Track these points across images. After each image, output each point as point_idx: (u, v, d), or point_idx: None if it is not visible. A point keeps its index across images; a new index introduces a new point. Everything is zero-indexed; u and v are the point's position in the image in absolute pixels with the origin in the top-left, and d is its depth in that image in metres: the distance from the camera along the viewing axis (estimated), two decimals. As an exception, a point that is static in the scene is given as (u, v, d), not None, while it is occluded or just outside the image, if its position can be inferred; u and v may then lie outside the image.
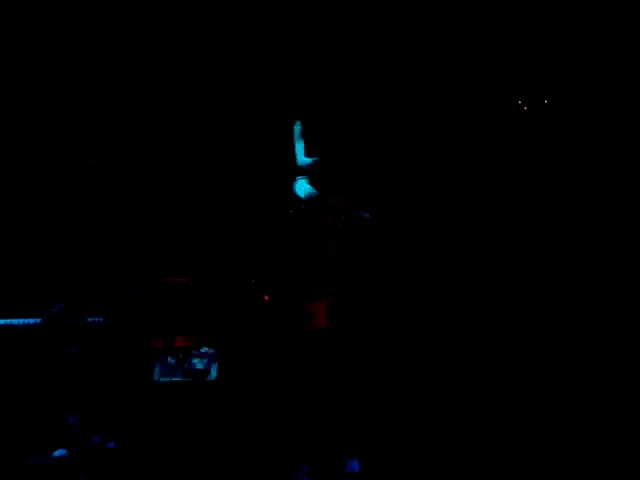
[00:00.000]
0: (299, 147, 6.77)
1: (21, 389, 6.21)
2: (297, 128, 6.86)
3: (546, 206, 7.85)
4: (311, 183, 6.69)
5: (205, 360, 6.78)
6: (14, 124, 7.91)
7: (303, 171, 6.75)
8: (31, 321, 6.12)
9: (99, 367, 6.31)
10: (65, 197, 6.59)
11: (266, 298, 7.06)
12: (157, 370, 6.53)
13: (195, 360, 6.72)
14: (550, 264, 7.16)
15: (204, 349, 6.81)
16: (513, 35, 8.49)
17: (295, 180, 6.74)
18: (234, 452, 5.97)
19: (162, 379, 6.51)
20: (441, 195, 8.35)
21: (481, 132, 8.60)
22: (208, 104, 8.33)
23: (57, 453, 6.00)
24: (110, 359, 6.38)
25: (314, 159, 6.72)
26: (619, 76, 8.39)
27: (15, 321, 6.16)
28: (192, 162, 8.25)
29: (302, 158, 6.75)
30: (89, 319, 6.30)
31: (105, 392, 6.28)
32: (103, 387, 6.28)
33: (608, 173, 8.36)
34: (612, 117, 8.43)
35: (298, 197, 6.70)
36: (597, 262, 6.93)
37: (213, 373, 6.72)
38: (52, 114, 7.94)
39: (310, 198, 6.61)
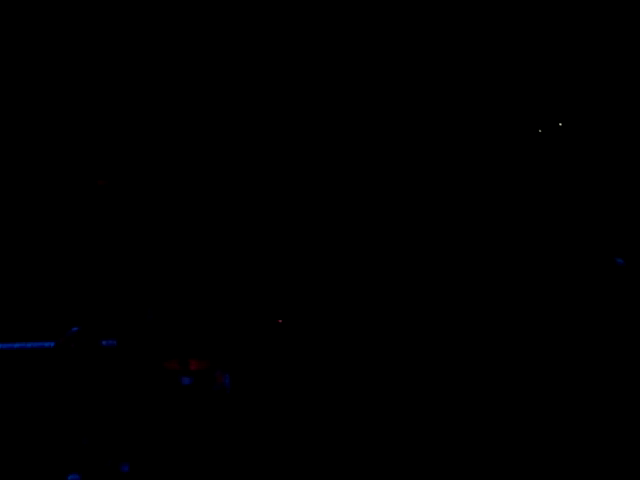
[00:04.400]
0: None
1: (34, 412, 6.20)
2: None
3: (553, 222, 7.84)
4: None
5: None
6: (26, 146, 7.97)
7: None
8: (45, 345, 6.10)
9: (113, 390, 6.30)
10: (79, 219, 6.61)
11: (279, 321, 7.06)
12: None
13: None
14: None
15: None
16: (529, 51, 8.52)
17: None
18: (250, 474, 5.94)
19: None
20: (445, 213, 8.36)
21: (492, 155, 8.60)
22: (217, 124, 8.35)
23: (70, 477, 5.99)
24: (124, 382, 6.37)
25: None
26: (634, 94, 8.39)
27: (29, 345, 6.15)
28: (204, 180, 8.28)
29: None
30: (103, 342, 6.28)
31: (119, 414, 6.27)
32: (117, 409, 6.27)
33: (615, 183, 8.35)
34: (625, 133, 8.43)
35: None
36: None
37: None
38: (63, 134, 7.99)
39: None
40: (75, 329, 5.97)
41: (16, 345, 6.06)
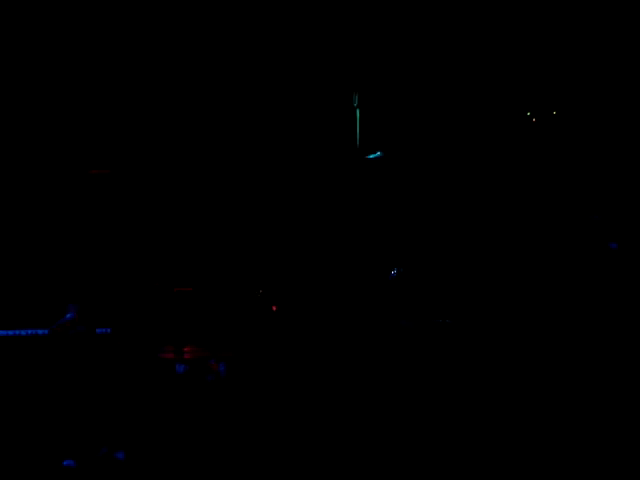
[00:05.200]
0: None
1: (28, 400, 6.20)
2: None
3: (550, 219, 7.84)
4: None
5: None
6: (20, 136, 7.95)
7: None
8: (39, 332, 6.09)
9: (108, 378, 6.30)
10: (74, 208, 6.60)
11: (274, 308, 7.06)
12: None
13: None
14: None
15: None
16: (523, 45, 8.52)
17: None
18: (245, 462, 5.95)
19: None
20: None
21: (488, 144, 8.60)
22: (214, 114, 8.34)
23: (65, 463, 5.99)
24: (119, 370, 6.37)
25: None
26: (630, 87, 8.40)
27: (23, 332, 6.15)
28: (199, 170, 8.27)
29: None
30: (98, 330, 6.27)
31: (114, 402, 6.27)
32: (112, 397, 6.27)
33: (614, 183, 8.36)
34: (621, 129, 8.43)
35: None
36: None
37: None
38: (57, 125, 7.97)
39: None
40: (69, 316, 5.97)
41: (11, 332, 6.04)
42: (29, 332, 6.08)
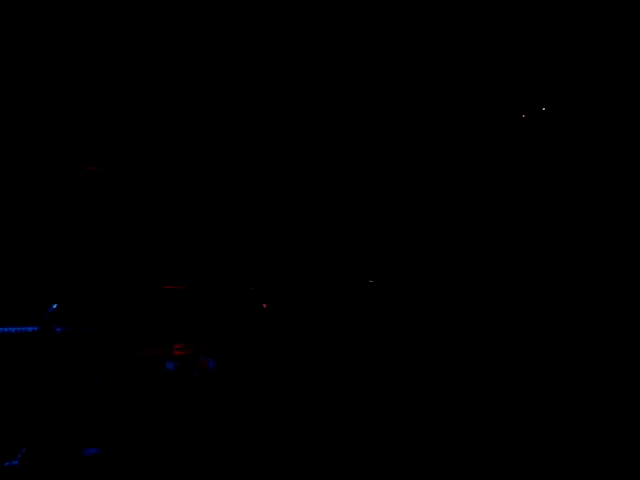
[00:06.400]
0: None
1: (16, 397, 6.22)
2: None
3: (543, 216, 7.83)
4: None
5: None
6: (12, 131, 7.99)
7: None
8: (29, 329, 6.10)
9: (95, 376, 6.31)
10: (63, 205, 6.63)
11: (264, 306, 7.07)
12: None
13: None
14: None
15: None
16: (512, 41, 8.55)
17: None
18: (229, 461, 5.95)
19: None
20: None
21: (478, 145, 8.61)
22: (206, 109, 8.39)
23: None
24: (106, 367, 6.38)
25: None
26: (619, 82, 8.41)
27: (13, 329, 6.16)
28: (191, 168, 8.31)
29: None
30: (86, 327, 6.29)
31: (101, 400, 6.28)
32: (99, 396, 6.28)
33: (609, 179, 8.35)
34: (613, 124, 8.44)
35: None
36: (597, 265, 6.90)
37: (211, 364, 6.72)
38: (50, 121, 8.02)
39: None
40: (55, 306, 5.99)
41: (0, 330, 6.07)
42: (19, 329, 6.08)
